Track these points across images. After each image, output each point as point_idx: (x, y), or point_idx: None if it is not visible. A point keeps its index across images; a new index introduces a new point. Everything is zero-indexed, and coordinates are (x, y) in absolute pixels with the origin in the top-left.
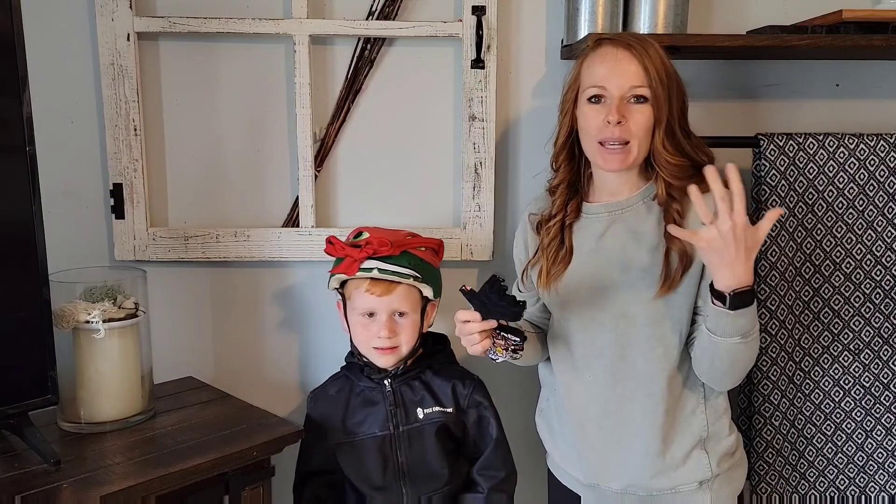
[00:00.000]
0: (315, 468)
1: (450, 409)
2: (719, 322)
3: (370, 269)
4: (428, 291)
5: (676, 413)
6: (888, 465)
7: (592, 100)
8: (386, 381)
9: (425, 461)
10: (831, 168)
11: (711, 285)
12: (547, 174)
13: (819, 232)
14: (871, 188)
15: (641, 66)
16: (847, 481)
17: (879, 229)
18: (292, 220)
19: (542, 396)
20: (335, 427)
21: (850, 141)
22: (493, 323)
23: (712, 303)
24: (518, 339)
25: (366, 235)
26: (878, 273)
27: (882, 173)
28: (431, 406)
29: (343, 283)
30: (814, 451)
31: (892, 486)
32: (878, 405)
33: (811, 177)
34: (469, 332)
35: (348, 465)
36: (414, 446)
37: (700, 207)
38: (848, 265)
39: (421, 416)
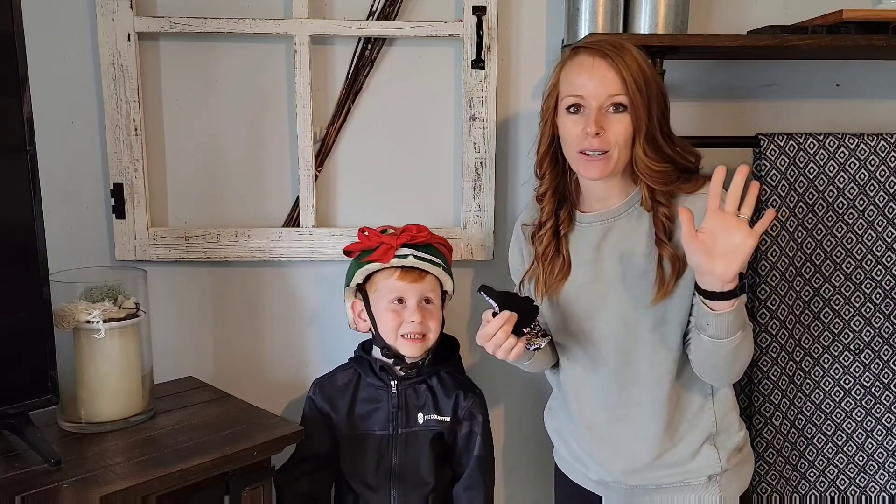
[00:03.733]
0: (310, 454)
1: (446, 419)
2: (721, 324)
3: (405, 256)
4: (448, 285)
5: (683, 413)
6: (888, 465)
7: (571, 109)
8: (392, 383)
9: (417, 465)
10: (832, 168)
11: (703, 291)
12: (534, 182)
13: (819, 232)
14: (872, 188)
15: (618, 74)
16: (848, 481)
17: (880, 229)
18: (293, 220)
19: (551, 395)
20: (340, 418)
21: (851, 141)
22: (513, 316)
23: (709, 309)
24: (540, 328)
25: (391, 232)
26: (879, 273)
27: (882, 173)
28: (431, 413)
29: (366, 280)
30: (814, 451)
31: (893, 486)
32: (878, 405)
33: (812, 177)
34: (495, 332)
35: (345, 458)
36: (409, 450)
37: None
38: (848, 265)
39: (420, 420)
